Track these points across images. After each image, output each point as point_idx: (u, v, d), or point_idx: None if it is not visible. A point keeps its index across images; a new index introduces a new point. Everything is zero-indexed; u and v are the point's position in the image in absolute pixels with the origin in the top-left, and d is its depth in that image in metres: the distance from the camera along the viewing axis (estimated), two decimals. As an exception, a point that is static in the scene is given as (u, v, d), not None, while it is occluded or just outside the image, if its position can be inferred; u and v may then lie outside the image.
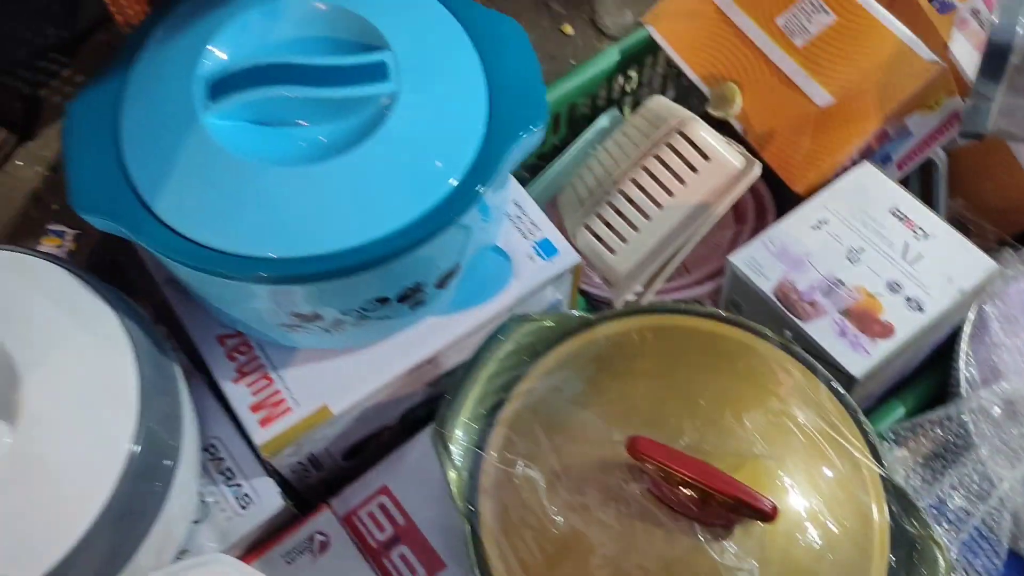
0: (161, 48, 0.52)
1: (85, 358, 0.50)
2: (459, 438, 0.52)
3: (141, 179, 0.50)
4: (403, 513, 0.60)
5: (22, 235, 0.91)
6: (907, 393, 0.69)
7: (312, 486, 0.64)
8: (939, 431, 0.64)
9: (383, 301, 0.53)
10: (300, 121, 0.50)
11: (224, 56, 0.51)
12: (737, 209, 0.80)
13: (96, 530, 0.46)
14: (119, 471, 0.47)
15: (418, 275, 0.53)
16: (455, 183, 0.50)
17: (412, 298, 0.55)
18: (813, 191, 0.71)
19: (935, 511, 0.61)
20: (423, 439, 0.62)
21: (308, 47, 0.52)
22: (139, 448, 0.48)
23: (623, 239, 0.70)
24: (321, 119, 0.50)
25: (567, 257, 0.63)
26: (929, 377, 0.70)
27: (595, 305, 0.78)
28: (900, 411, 0.67)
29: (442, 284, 0.56)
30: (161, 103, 0.50)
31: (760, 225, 0.79)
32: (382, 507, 0.60)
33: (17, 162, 0.95)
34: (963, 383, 0.66)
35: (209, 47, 0.50)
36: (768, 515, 0.46)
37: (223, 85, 0.49)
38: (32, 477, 0.46)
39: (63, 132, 0.51)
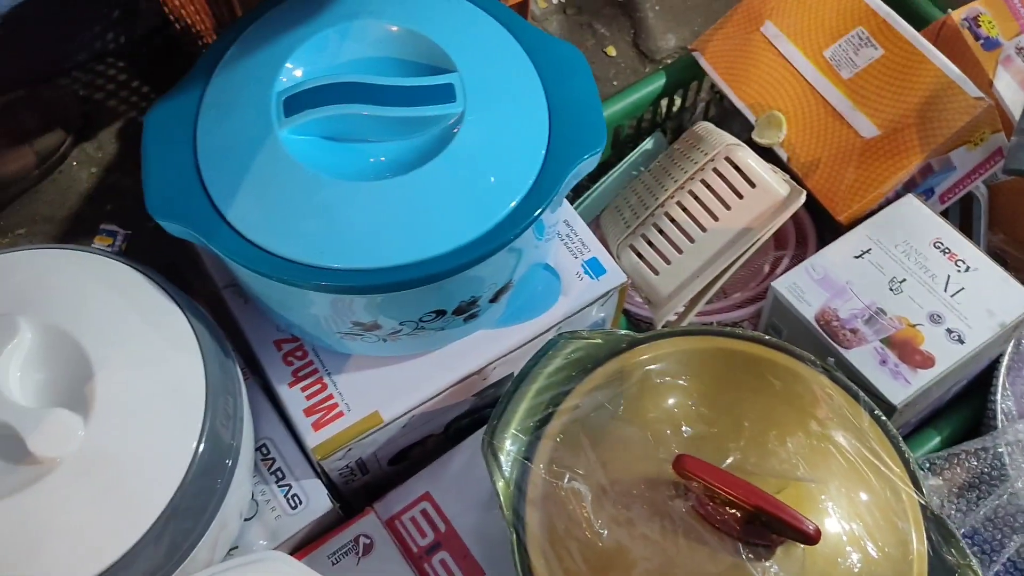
0: (239, 63, 0.54)
1: (155, 355, 0.52)
2: (508, 449, 0.53)
3: (216, 188, 0.51)
4: (444, 520, 0.61)
5: (76, 233, 0.93)
6: (942, 422, 0.70)
7: (355, 490, 0.66)
8: (974, 462, 0.65)
9: (440, 313, 0.55)
10: (370, 138, 0.52)
11: (300, 73, 0.53)
12: (778, 235, 0.81)
13: (161, 524, 0.48)
14: (185, 467, 0.49)
15: (474, 290, 0.55)
16: (515, 204, 0.51)
17: (467, 311, 0.56)
18: (856, 221, 0.72)
19: (968, 540, 0.62)
20: (466, 448, 0.64)
21: (379, 67, 0.54)
22: (204, 446, 0.50)
23: (667, 260, 0.72)
24: (390, 137, 0.52)
25: (614, 277, 0.64)
26: (965, 407, 0.71)
27: (635, 324, 0.79)
28: (935, 440, 0.68)
29: (495, 299, 0.58)
30: (238, 116, 0.52)
31: (801, 252, 0.80)
32: (424, 513, 0.62)
33: (73, 163, 0.97)
34: (999, 415, 0.66)
35: (287, 64, 0.52)
36: (812, 537, 0.47)
37: (299, 101, 0.51)
38: (103, 470, 0.48)
39: (142, 141, 0.53)
